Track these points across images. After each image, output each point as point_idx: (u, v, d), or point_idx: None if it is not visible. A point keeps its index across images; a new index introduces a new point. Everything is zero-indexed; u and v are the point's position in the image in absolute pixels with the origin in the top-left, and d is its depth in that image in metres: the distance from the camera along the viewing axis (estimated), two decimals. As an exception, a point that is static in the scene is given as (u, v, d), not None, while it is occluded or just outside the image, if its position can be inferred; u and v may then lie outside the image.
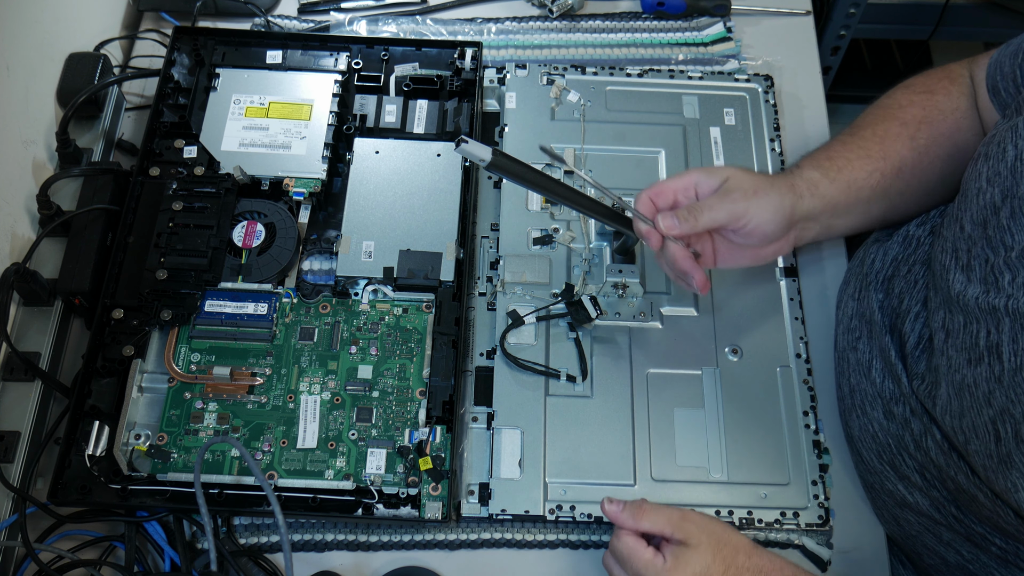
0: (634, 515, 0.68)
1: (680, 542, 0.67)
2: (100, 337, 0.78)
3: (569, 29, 1.02)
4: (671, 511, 0.69)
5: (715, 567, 0.66)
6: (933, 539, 0.75)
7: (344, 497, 0.74)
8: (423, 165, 0.87)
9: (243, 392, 0.77)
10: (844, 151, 0.79)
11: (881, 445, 0.76)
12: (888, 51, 1.77)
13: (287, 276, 0.83)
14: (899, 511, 0.77)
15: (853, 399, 0.79)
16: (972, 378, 0.65)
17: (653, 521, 0.68)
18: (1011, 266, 0.62)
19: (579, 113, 0.93)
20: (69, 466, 0.73)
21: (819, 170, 0.78)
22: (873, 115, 0.82)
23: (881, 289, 0.79)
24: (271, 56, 0.93)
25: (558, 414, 0.78)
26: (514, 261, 0.84)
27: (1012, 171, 0.62)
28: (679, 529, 0.67)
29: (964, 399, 0.65)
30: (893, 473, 0.75)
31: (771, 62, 1.00)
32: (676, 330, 0.83)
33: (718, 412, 0.79)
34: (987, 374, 0.63)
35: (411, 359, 0.79)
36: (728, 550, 0.67)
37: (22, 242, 0.83)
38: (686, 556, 0.66)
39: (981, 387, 0.64)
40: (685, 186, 0.75)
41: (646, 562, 0.66)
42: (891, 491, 0.76)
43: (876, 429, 0.76)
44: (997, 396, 0.62)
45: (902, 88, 0.83)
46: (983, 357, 0.64)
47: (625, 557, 0.68)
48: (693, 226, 0.72)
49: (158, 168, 0.86)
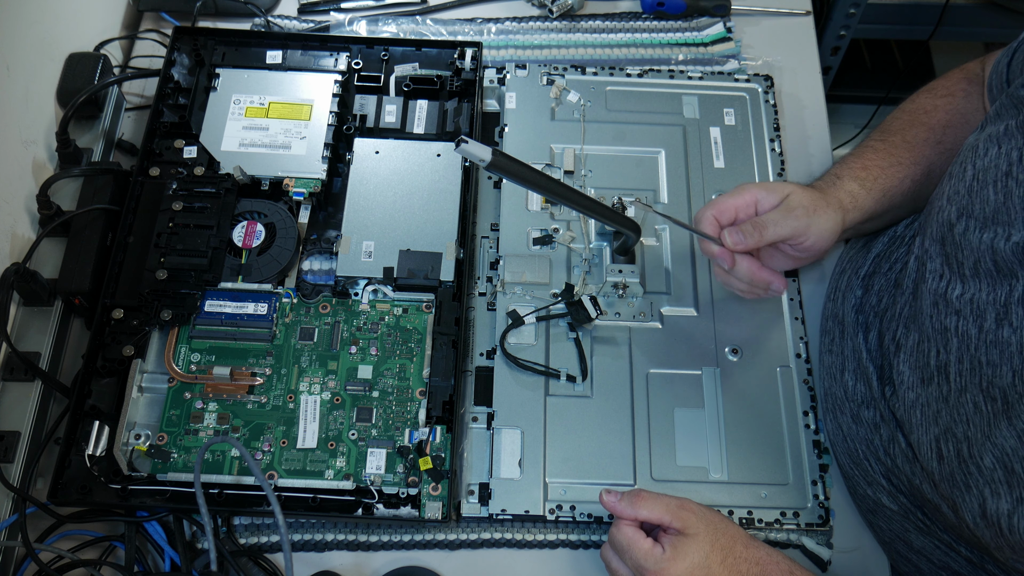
0: (632, 504, 0.69)
1: (678, 531, 0.67)
2: (100, 337, 0.78)
3: (569, 29, 1.02)
4: (669, 500, 0.69)
5: (713, 556, 0.66)
6: (904, 546, 0.75)
7: (344, 497, 0.74)
8: (423, 165, 0.87)
9: (243, 392, 0.77)
10: (877, 159, 0.80)
11: (850, 449, 0.76)
12: (888, 51, 1.77)
13: (287, 276, 0.83)
14: (871, 516, 0.77)
15: (826, 403, 0.80)
16: (925, 397, 0.65)
17: (651, 510, 0.68)
18: (964, 281, 0.62)
19: (579, 113, 0.93)
20: (69, 466, 0.73)
21: (857, 182, 0.79)
22: (900, 120, 0.83)
23: (860, 286, 0.80)
24: (271, 56, 0.93)
25: (558, 414, 0.78)
26: (514, 261, 0.84)
27: (969, 191, 0.63)
28: (677, 518, 0.68)
29: (915, 416, 0.66)
30: (862, 478, 0.76)
31: (771, 62, 1.00)
32: (676, 330, 0.83)
33: (718, 412, 0.79)
34: (936, 393, 0.64)
35: (411, 359, 0.79)
36: (726, 539, 0.68)
37: (22, 242, 0.83)
38: (684, 545, 0.66)
39: (932, 406, 0.65)
40: (747, 203, 0.76)
41: (645, 552, 0.67)
42: (863, 495, 0.77)
43: (846, 433, 0.77)
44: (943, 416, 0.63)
45: (925, 92, 0.85)
46: (933, 377, 0.65)
47: (624, 547, 0.68)
48: (758, 240, 0.73)
49: (158, 168, 0.86)
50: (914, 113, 0.83)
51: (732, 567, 0.67)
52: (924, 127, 0.81)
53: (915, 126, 0.82)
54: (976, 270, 0.62)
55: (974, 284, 0.62)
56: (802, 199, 0.75)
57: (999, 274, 0.60)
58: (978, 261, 0.61)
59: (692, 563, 0.66)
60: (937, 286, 0.65)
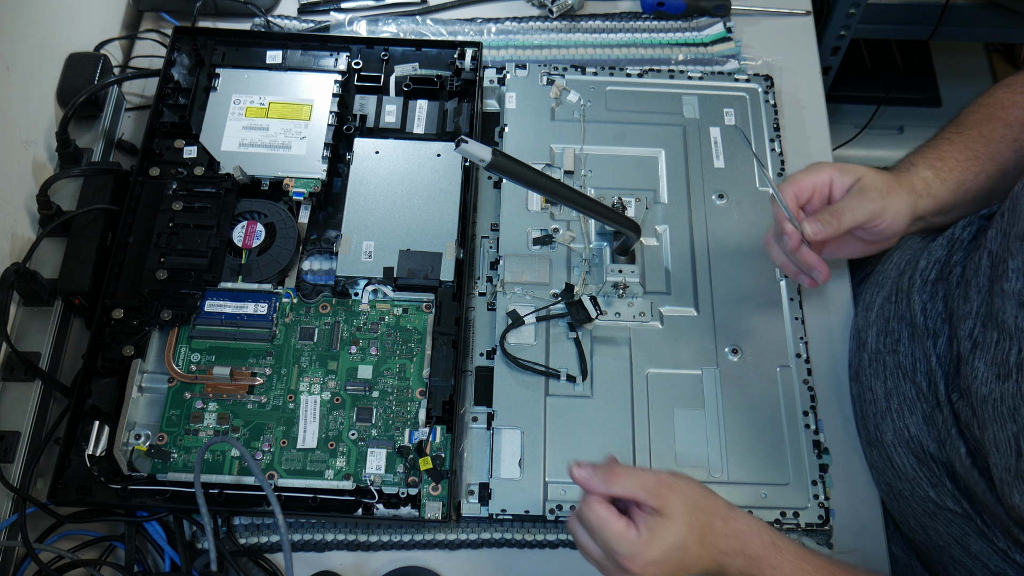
0: (605, 480, 0.63)
1: (654, 510, 0.62)
2: (100, 337, 0.78)
3: (569, 29, 1.02)
4: (646, 475, 0.64)
5: (690, 537, 0.62)
6: (960, 550, 0.73)
7: (344, 497, 0.74)
8: (423, 165, 0.87)
9: (243, 392, 0.77)
10: (953, 152, 0.79)
11: (917, 450, 0.74)
12: (888, 51, 1.77)
13: (287, 276, 0.83)
14: (928, 520, 0.75)
15: (889, 402, 0.78)
16: (999, 392, 0.64)
17: (626, 486, 0.63)
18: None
19: (579, 113, 0.93)
20: (69, 466, 0.73)
21: (932, 170, 0.78)
22: (977, 114, 0.82)
23: (925, 291, 0.77)
24: (271, 56, 0.93)
25: (558, 414, 0.78)
26: (514, 261, 0.84)
27: None
28: (654, 495, 0.62)
29: (987, 412, 0.65)
30: (927, 479, 0.74)
31: (771, 62, 1.00)
32: (676, 330, 0.83)
33: (718, 412, 0.79)
34: (1014, 390, 0.62)
35: (411, 359, 0.79)
36: (704, 516, 0.64)
37: (22, 242, 0.83)
38: (660, 527, 0.61)
39: (1007, 402, 0.63)
40: (822, 181, 0.75)
41: (618, 535, 0.61)
42: (923, 498, 0.75)
43: (914, 432, 0.75)
44: (1022, 412, 0.62)
45: (1003, 87, 0.83)
46: (1011, 373, 0.63)
47: (595, 527, 0.62)
48: (837, 229, 0.72)
49: (158, 168, 0.86)
50: (991, 107, 0.81)
51: (711, 544, 0.63)
52: (1001, 123, 0.79)
53: (992, 121, 0.80)
54: None
55: None
56: (875, 181, 0.74)
57: None
58: None
59: (668, 545, 0.61)
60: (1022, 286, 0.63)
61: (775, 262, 0.79)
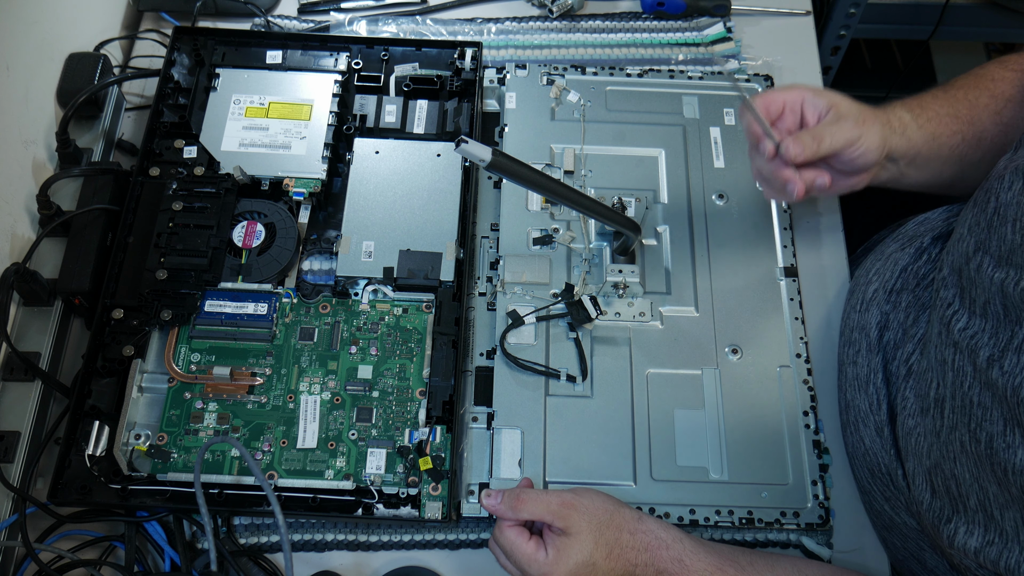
0: (513, 507, 0.68)
1: (561, 530, 0.66)
2: (100, 337, 0.78)
3: (569, 29, 1.02)
4: (550, 498, 0.68)
5: (598, 552, 0.65)
6: (917, 565, 0.74)
7: (344, 497, 0.74)
8: (423, 165, 0.87)
9: (243, 392, 0.77)
10: (935, 104, 0.79)
11: (871, 464, 0.75)
12: (888, 51, 1.77)
13: (287, 276, 0.83)
14: (886, 533, 0.76)
15: (848, 414, 0.79)
16: (921, 427, 0.64)
17: (532, 511, 0.67)
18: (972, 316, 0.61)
19: (579, 113, 0.93)
20: (69, 466, 0.73)
21: (911, 114, 0.78)
22: (966, 81, 0.82)
23: (887, 301, 0.78)
24: (271, 56, 0.93)
25: (558, 414, 0.78)
26: (514, 261, 0.84)
27: (989, 224, 0.62)
28: (559, 517, 0.66)
29: (910, 443, 0.65)
30: (880, 493, 0.75)
31: (771, 62, 1.00)
32: (676, 330, 0.83)
33: (718, 412, 0.79)
34: (930, 426, 0.63)
35: (411, 359, 0.79)
36: (610, 532, 0.67)
37: (22, 242, 0.83)
38: (567, 547, 0.65)
39: (927, 438, 0.64)
40: (794, 100, 0.75)
41: (528, 557, 0.66)
42: (879, 511, 0.76)
43: (868, 446, 0.76)
44: (935, 450, 0.62)
45: (997, 63, 0.83)
46: (930, 409, 0.63)
47: (508, 550, 0.67)
48: (815, 151, 0.72)
49: (158, 168, 0.86)
50: (981, 77, 0.81)
51: (619, 557, 0.66)
52: (987, 93, 0.79)
53: (979, 89, 0.80)
54: (985, 310, 0.60)
55: (980, 321, 0.60)
56: (851, 109, 0.74)
57: (1006, 318, 0.58)
58: (988, 301, 0.60)
59: (576, 562, 0.65)
60: (944, 314, 0.63)
61: (753, 176, 0.79)
